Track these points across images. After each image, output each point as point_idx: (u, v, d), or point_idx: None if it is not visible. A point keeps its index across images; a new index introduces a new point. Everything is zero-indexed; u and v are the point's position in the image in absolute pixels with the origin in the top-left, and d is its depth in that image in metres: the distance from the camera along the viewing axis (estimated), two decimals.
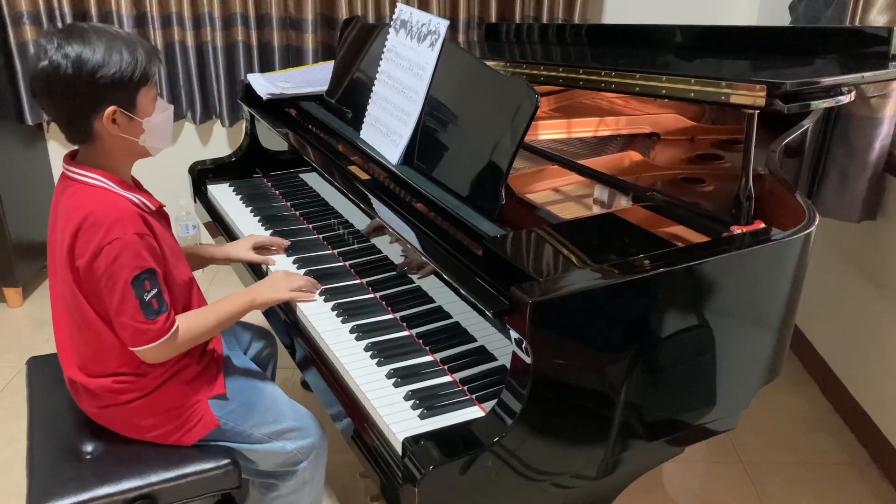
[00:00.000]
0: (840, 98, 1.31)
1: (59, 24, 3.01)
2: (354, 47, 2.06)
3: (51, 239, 1.50)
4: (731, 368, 1.38)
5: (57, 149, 3.36)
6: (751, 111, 1.31)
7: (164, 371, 1.53)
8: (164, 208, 1.57)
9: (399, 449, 1.24)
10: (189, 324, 1.50)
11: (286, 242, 1.88)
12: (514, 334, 1.18)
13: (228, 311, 1.57)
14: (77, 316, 1.47)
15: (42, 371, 1.78)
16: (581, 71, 1.60)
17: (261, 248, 1.88)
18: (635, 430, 1.31)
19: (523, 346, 1.16)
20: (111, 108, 1.39)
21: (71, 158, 1.48)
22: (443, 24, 1.66)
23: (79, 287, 1.43)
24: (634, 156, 1.86)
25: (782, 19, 2.69)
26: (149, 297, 1.40)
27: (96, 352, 1.50)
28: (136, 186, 1.53)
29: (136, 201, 1.45)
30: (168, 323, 1.44)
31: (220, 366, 1.64)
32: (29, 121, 3.13)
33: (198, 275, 1.92)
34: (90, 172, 1.44)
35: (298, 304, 1.63)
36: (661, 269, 1.21)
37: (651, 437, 1.35)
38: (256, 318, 2.00)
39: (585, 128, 2.10)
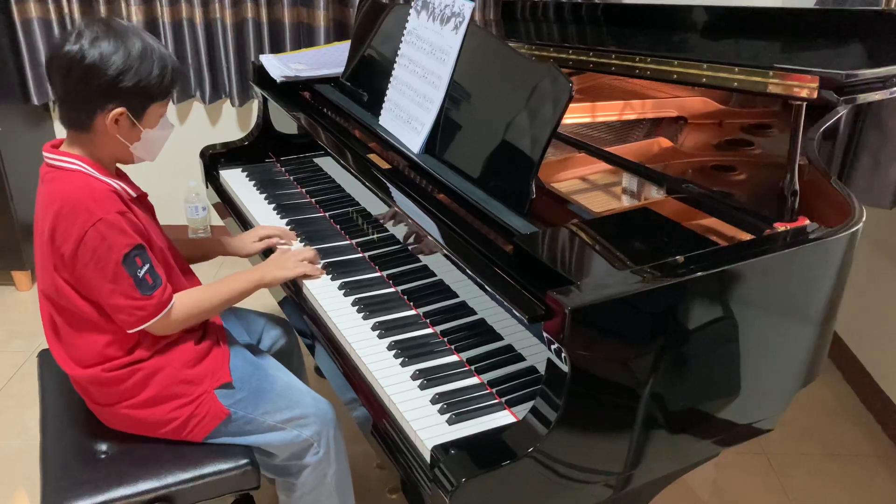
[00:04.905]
0: (895, 90, 1.23)
1: (68, 1, 2.94)
2: (371, 28, 1.98)
3: (35, 227, 1.47)
4: (772, 370, 1.33)
5: (63, 129, 3.28)
6: (799, 102, 1.24)
7: (154, 355, 1.49)
8: (148, 197, 1.55)
9: (427, 457, 1.19)
10: (190, 299, 1.49)
11: (292, 235, 1.85)
12: (548, 338, 1.12)
13: (235, 289, 1.56)
14: (60, 302, 1.44)
15: (53, 364, 1.73)
16: (614, 56, 1.52)
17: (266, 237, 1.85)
18: (674, 434, 1.25)
19: (555, 349, 1.11)
20: (119, 110, 1.38)
21: (52, 147, 1.46)
22: (468, 6, 1.58)
23: (60, 273, 1.41)
24: (664, 142, 1.79)
25: None
26: (142, 273, 1.39)
27: (82, 337, 1.47)
28: (119, 176, 1.50)
29: (116, 187, 1.43)
30: (165, 296, 1.43)
31: (225, 354, 1.60)
32: (35, 101, 3.07)
33: None
34: (68, 157, 1.42)
35: (320, 301, 1.58)
36: (707, 272, 1.14)
37: (690, 440, 1.30)
38: (273, 309, 1.96)
39: (610, 111, 2.02)
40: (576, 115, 1.99)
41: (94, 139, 1.42)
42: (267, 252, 1.83)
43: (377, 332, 1.47)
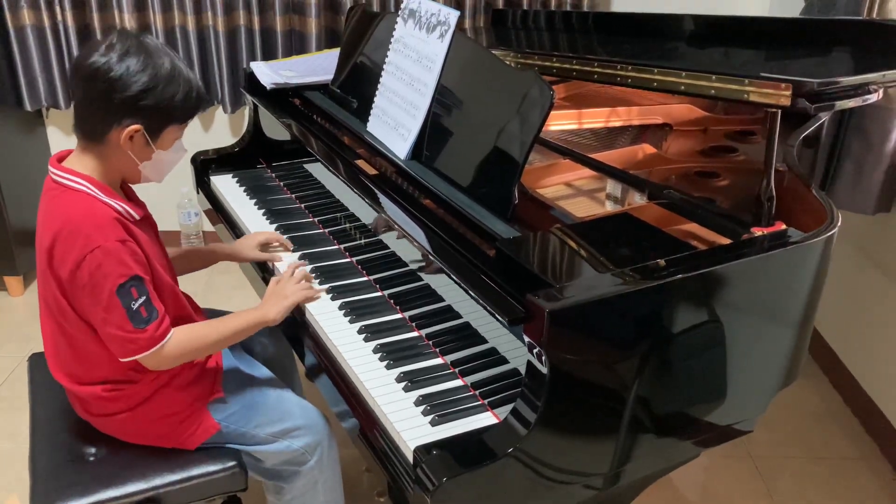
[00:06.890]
0: (868, 97, 1.26)
1: (61, 9, 2.96)
2: (360, 36, 2.01)
3: (36, 243, 1.45)
4: (751, 372, 1.35)
5: (56, 135, 3.31)
6: (774, 110, 1.27)
7: (155, 379, 1.49)
8: (152, 217, 1.54)
9: (410, 457, 1.21)
10: (186, 336, 1.44)
11: (288, 243, 1.84)
12: (529, 341, 1.14)
13: (235, 328, 1.51)
14: (62, 321, 1.43)
15: (44, 368, 1.73)
16: (596, 64, 1.55)
17: (265, 245, 1.84)
18: (654, 435, 1.28)
19: (536, 352, 1.13)
20: (135, 127, 1.36)
21: (58, 161, 1.43)
22: (453, 15, 1.61)
23: (62, 294, 1.39)
24: (648, 149, 1.82)
25: (794, 8, 2.63)
26: (136, 305, 1.35)
27: (83, 357, 1.46)
28: (125, 194, 1.48)
29: (119, 209, 1.39)
30: (160, 331, 1.38)
31: (218, 368, 1.60)
32: (28, 106, 3.09)
33: None
34: (74, 176, 1.39)
35: (307, 305, 1.59)
36: (684, 275, 1.17)
37: (669, 442, 1.32)
38: None
39: (596, 118, 2.05)
40: (562, 122, 2.02)
41: (105, 152, 1.39)
42: (262, 263, 1.84)
43: (363, 335, 1.49)
